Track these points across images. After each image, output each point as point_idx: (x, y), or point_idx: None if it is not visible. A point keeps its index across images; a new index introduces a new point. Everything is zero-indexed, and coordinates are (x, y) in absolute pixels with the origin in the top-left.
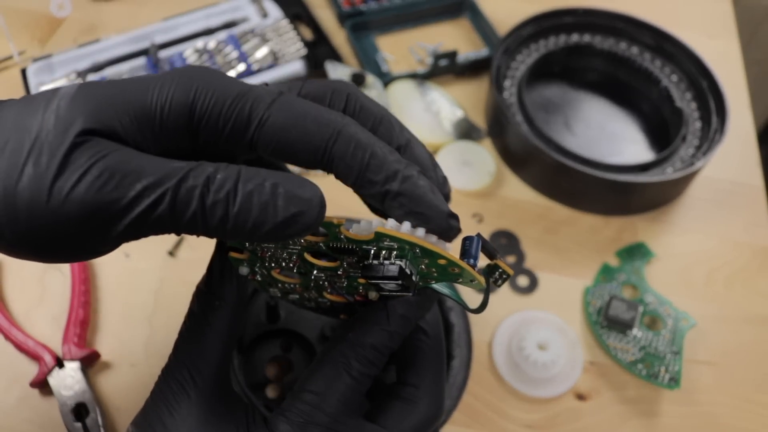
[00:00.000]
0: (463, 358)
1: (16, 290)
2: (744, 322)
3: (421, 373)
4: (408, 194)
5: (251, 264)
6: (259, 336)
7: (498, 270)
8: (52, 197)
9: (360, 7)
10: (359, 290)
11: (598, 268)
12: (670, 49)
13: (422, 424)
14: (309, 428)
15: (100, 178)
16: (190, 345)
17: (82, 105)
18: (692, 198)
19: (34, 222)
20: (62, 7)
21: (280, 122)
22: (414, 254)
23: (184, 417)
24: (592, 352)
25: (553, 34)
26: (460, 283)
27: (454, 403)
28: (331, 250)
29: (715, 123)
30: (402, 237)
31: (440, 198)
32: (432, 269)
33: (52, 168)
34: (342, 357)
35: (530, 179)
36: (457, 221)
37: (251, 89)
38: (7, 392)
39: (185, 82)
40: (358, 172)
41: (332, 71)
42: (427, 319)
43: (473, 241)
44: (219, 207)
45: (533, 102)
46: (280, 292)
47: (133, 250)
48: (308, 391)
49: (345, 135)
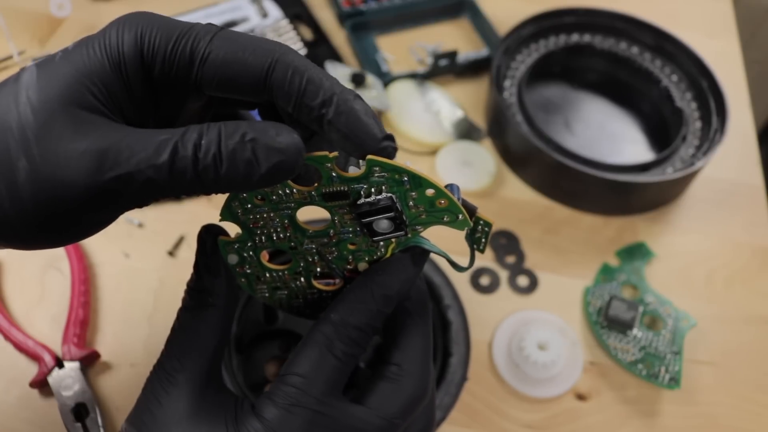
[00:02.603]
0: (462, 355)
1: (16, 290)
2: (744, 322)
3: (406, 352)
4: (344, 118)
5: (240, 251)
6: (257, 337)
7: (480, 223)
8: (54, 188)
9: (360, 7)
10: (349, 260)
11: (598, 268)
12: (670, 49)
13: (408, 404)
14: (295, 410)
15: (96, 162)
16: (180, 339)
17: (50, 90)
18: (692, 198)
19: (42, 212)
20: (62, 7)
21: (221, 57)
22: (403, 188)
23: (173, 406)
24: (592, 352)
25: (553, 34)
26: (446, 223)
27: (452, 399)
28: (323, 198)
29: (715, 123)
30: (392, 163)
31: (375, 121)
32: (420, 207)
33: (47, 160)
34: (326, 338)
35: (530, 179)
36: (392, 142)
37: (192, 27)
38: (6, 392)
39: (129, 28)
40: (297, 98)
41: (332, 71)
42: (412, 297)
43: (453, 186)
44: (210, 171)
45: (533, 102)
46: (268, 288)
47: (133, 250)
48: (294, 374)
49: (282, 62)
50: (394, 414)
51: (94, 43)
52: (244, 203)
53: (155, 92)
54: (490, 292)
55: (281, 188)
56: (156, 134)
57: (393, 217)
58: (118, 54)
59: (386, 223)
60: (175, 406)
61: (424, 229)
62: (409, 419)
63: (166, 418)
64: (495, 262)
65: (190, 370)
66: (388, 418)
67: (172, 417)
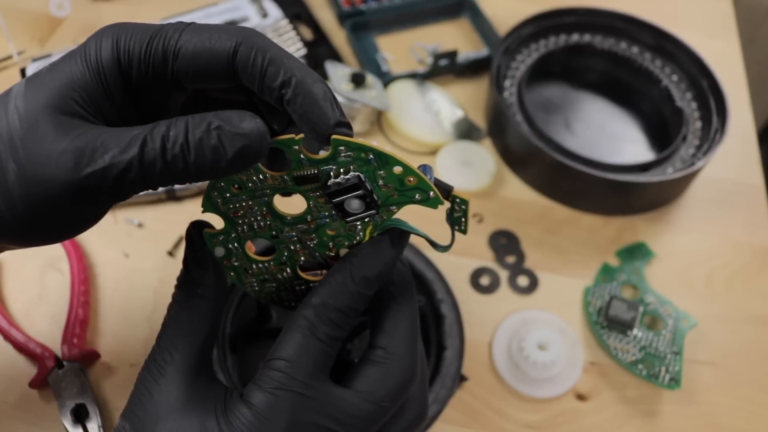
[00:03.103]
0: (456, 348)
1: (16, 290)
2: (744, 322)
3: (391, 336)
4: (300, 99)
5: (225, 243)
6: (252, 336)
7: (456, 200)
8: (39, 185)
9: (360, 7)
10: (330, 246)
11: (599, 268)
12: (670, 48)
13: (396, 387)
14: (281, 393)
15: (74, 159)
16: (170, 331)
17: (35, 99)
18: (692, 198)
19: (31, 211)
20: (62, 7)
21: (191, 49)
22: (371, 167)
23: (164, 397)
24: (592, 352)
25: (553, 34)
26: (419, 201)
27: (448, 393)
28: (296, 182)
29: (715, 123)
30: (357, 142)
31: (332, 105)
32: (391, 186)
33: (31, 161)
34: (308, 322)
35: (530, 179)
36: (347, 129)
37: (162, 28)
38: (6, 393)
39: (107, 38)
40: (259, 78)
41: (332, 71)
42: (396, 281)
43: (426, 167)
44: (179, 160)
45: (533, 102)
46: (257, 281)
47: (133, 250)
48: (278, 358)
49: (246, 44)
50: (382, 397)
51: (75, 55)
52: (222, 192)
53: (137, 93)
54: (490, 292)
55: (255, 174)
56: (129, 131)
57: (362, 195)
58: (96, 63)
59: (357, 203)
60: (166, 397)
61: (398, 209)
62: (398, 402)
63: (156, 408)
64: (495, 262)
65: (180, 362)
66: (376, 401)
67: (163, 407)
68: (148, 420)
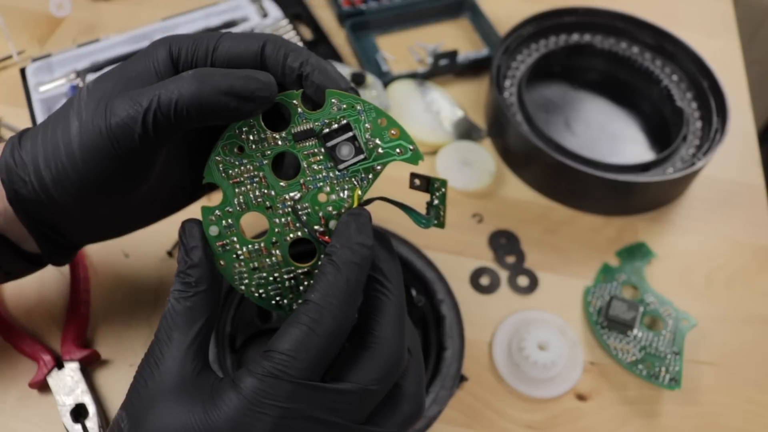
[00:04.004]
0: (456, 349)
1: (16, 290)
2: (744, 323)
3: (377, 320)
4: (317, 73)
5: (220, 221)
6: (252, 335)
7: (436, 183)
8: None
9: (360, 7)
10: (320, 218)
11: (599, 268)
12: (670, 48)
13: (383, 369)
14: (269, 381)
15: (120, 110)
16: (167, 322)
17: (102, 85)
18: (693, 198)
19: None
20: (61, 7)
21: (228, 45)
22: (359, 117)
23: (159, 385)
24: (592, 352)
25: (553, 33)
26: (400, 156)
27: (448, 393)
28: (294, 139)
29: (715, 123)
30: (348, 94)
31: (341, 77)
32: (376, 140)
33: (96, 115)
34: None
35: (530, 179)
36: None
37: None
38: (6, 393)
39: (161, 43)
40: (283, 63)
41: None
42: (382, 268)
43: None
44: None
45: (533, 102)
46: (247, 270)
47: (133, 250)
48: (274, 350)
49: (271, 40)
50: (369, 381)
51: (137, 55)
52: (225, 156)
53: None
54: (490, 292)
55: (256, 134)
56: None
57: (352, 138)
58: (155, 58)
59: (347, 149)
60: (161, 385)
61: (382, 170)
62: (387, 385)
63: (151, 396)
64: (495, 262)
65: (175, 352)
66: (363, 384)
67: (158, 395)
68: (142, 406)
